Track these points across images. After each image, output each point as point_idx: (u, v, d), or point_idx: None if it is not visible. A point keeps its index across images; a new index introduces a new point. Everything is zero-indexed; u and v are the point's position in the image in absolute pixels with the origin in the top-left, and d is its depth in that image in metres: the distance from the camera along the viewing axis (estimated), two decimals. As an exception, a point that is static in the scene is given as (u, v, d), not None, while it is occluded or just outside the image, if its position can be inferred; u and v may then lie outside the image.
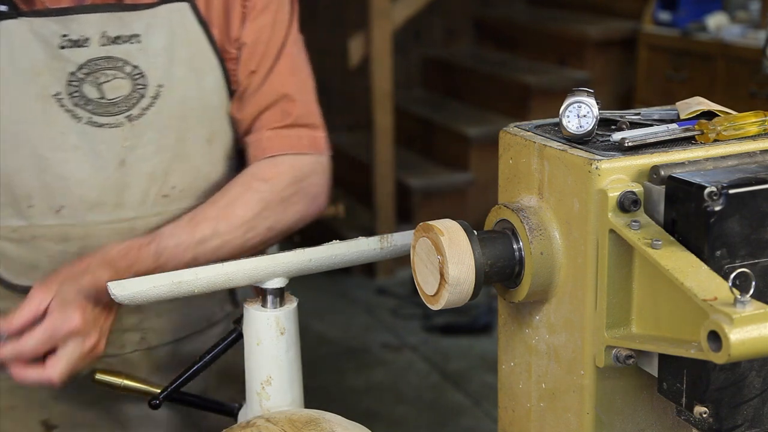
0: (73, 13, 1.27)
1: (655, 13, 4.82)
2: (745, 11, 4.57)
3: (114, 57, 1.29)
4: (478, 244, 1.03)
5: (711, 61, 4.43)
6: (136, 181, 1.34)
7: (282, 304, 1.22)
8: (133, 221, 1.35)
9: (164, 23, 1.32)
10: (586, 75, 5.08)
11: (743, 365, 0.91)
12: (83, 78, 1.28)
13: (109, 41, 1.29)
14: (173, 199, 1.38)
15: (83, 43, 1.28)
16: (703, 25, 4.52)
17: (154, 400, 1.29)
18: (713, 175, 0.93)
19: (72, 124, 1.29)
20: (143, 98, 1.31)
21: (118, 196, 1.34)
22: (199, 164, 1.39)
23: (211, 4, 1.36)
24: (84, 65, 1.28)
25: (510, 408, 1.16)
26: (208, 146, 1.39)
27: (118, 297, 1.16)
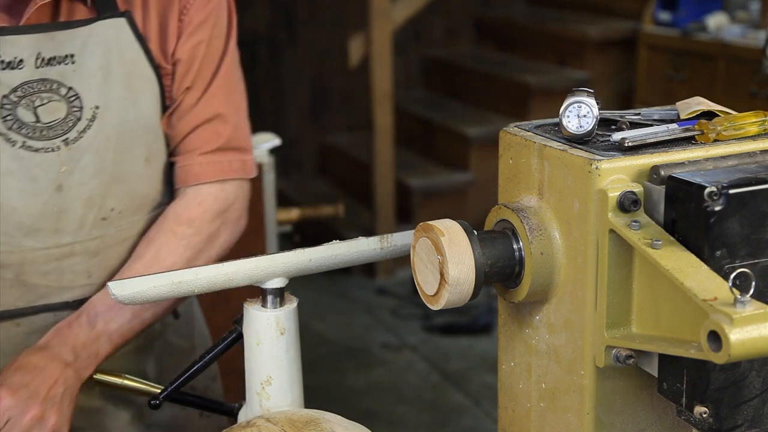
0: (6, 34, 1.23)
1: (655, 13, 4.82)
2: (745, 11, 4.57)
3: (49, 79, 1.25)
4: (478, 244, 1.03)
5: (711, 61, 4.43)
6: (73, 206, 1.31)
7: (282, 304, 1.22)
8: (71, 246, 1.33)
9: (100, 41, 1.28)
10: (586, 75, 5.08)
11: (743, 365, 0.91)
12: (17, 101, 1.24)
13: (43, 63, 1.25)
14: (112, 221, 1.35)
15: (17, 65, 1.23)
16: (703, 25, 4.52)
17: (154, 400, 1.29)
18: (713, 175, 0.93)
19: (6, 149, 1.25)
20: (80, 121, 1.28)
21: (55, 222, 1.30)
22: (138, 185, 1.36)
23: (148, 19, 1.33)
24: (18, 88, 1.24)
25: (510, 408, 1.16)
26: (146, 166, 1.36)
27: (119, 297, 1.16)
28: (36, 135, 1.26)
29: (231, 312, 1.39)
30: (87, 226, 1.33)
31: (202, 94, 1.38)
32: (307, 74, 5.63)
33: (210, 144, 1.39)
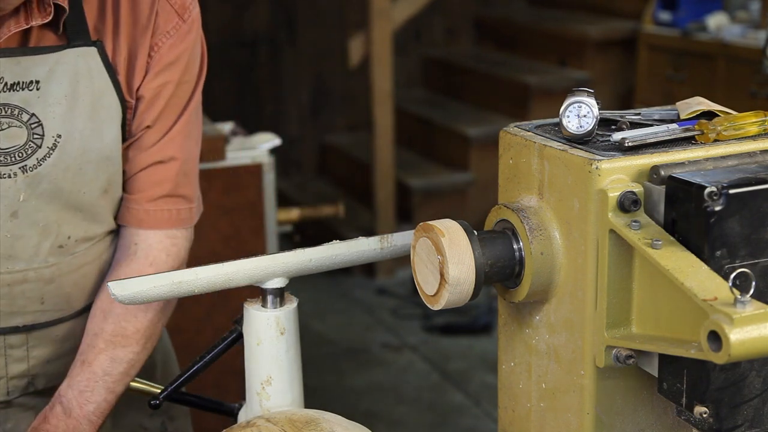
0: None
1: (655, 13, 4.82)
2: (745, 11, 4.57)
3: (11, 104, 1.23)
4: (478, 244, 1.03)
5: (711, 61, 4.43)
6: (28, 233, 1.29)
7: (282, 304, 1.22)
8: (24, 272, 1.31)
9: (68, 69, 1.26)
10: (586, 75, 5.08)
11: (743, 365, 0.91)
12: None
13: (6, 88, 1.22)
14: (68, 249, 1.33)
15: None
16: (703, 25, 4.52)
17: (154, 400, 1.29)
18: (713, 175, 0.93)
19: None
20: (39, 149, 1.25)
21: (8, 248, 1.28)
22: (95, 214, 1.34)
23: (117, 50, 1.30)
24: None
25: (510, 408, 1.16)
26: (103, 196, 1.34)
27: (119, 297, 1.16)
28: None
29: (231, 312, 1.39)
30: (42, 254, 1.31)
31: (163, 135, 1.36)
32: (307, 74, 5.63)
33: (159, 188, 1.37)
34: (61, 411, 1.30)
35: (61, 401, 1.30)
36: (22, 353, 1.36)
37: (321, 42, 5.59)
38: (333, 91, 5.72)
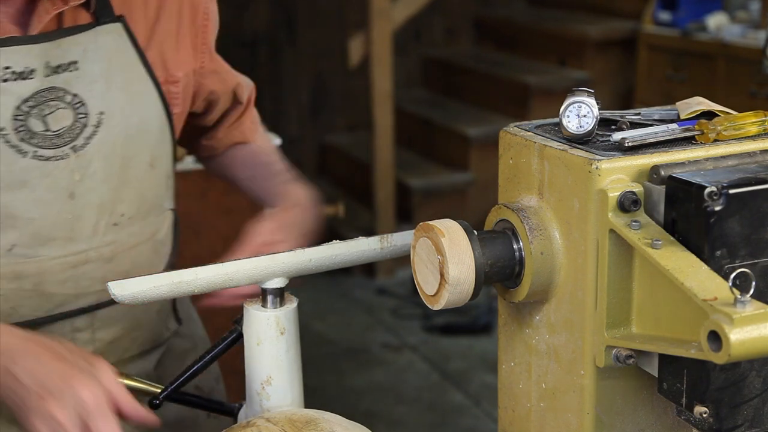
0: (16, 44, 1.22)
1: (655, 13, 4.82)
2: (745, 11, 4.57)
3: (56, 87, 1.25)
4: (478, 244, 1.03)
5: (711, 61, 4.43)
6: (86, 213, 1.31)
7: (282, 304, 1.22)
8: (86, 253, 1.32)
9: (100, 47, 1.28)
10: (586, 75, 5.08)
11: (743, 365, 0.91)
12: (28, 111, 1.24)
13: (51, 71, 1.24)
14: (123, 226, 1.35)
15: (28, 75, 1.23)
16: (703, 25, 4.52)
17: (154, 399, 1.29)
18: (713, 175, 0.93)
19: (17, 160, 1.24)
20: (86, 127, 1.28)
21: (69, 230, 1.29)
22: (144, 189, 1.37)
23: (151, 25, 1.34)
24: (30, 98, 1.23)
25: (510, 408, 1.16)
26: (150, 170, 1.37)
27: (119, 297, 1.16)
28: (46, 144, 1.26)
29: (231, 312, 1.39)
30: (100, 233, 1.33)
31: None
32: (307, 74, 5.63)
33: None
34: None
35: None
36: (88, 336, 1.37)
37: (321, 42, 5.59)
38: (333, 91, 5.72)
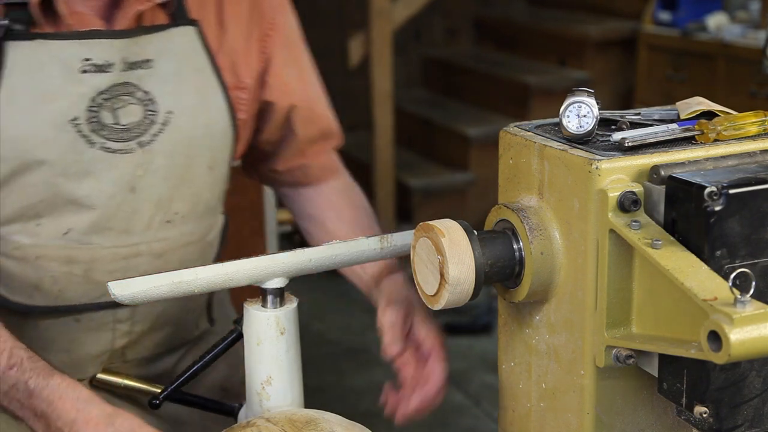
0: (99, 38, 1.25)
1: (655, 13, 4.82)
2: (745, 11, 4.57)
3: (129, 83, 1.29)
4: (478, 244, 1.03)
5: (711, 61, 4.43)
6: (143, 207, 1.33)
7: (282, 304, 1.22)
8: (137, 246, 1.34)
9: (174, 47, 1.32)
10: (586, 75, 5.08)
11: (743, 365, 0.91)
12: (102, 104, 1.27)
13: (127, 67, 1.28)
14: (175, 224, 1.37)
15: (107, 68, 1.26)
16: (703, 25, 4.52)
17: (154, 399, 1.29)
18: (713, 175, 0.93)
19: (85, 149, 1.27)
20: (154, 124, 1.31)
21: (125, 222, 1.32)
22: (201, 190, 1.39)
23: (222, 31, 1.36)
24: (105, 91, 1.27)
25: (510, 408, 1.16)
26: (209, 172, 1.39)
27: (119, 297, 1.16)
28: (114, 137, 1.28)
29: (231, 312, 1.39)
30: (153, 228, 1.35)
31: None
32: (307, 74, 5.62)
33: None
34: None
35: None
36: (127, 327, 1.39)
37: (321, 42, 5.58)
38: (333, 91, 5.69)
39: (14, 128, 1.24)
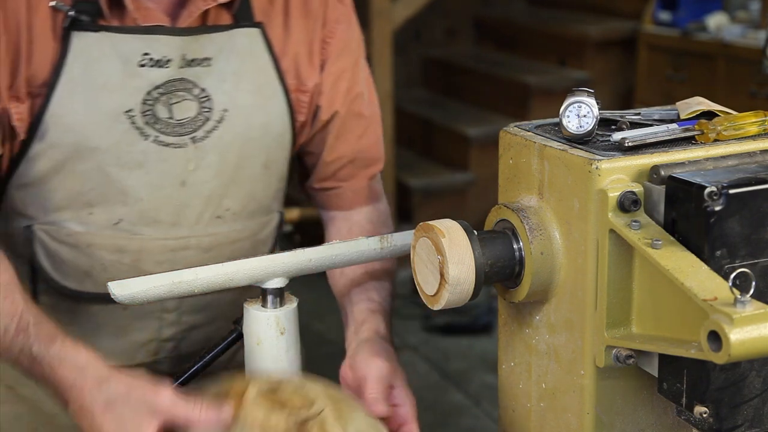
0: (162, 34, 1.28)
1: (655, 13, 4.81)
2: (745, 11, 4.57)
3: (186, 79, 1.30)
4: (478, 244, 1.03)
5: (711, 61, 4.42)
6: (193, 202, 1.35)
7: (282, 304, 1.22)
8: (186, 239, 1.36)
9: (236, 48, 1.33)
10: (586, 75, 5.08)
11: (743, 365, 0.91)
12: (158, 98, 1.29)
13: (185, 64, 1.30)
14: (226, 221, 1.39)
15: (164, 63, 1.28)
16: (703, 25, 4.52)
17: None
18: (713, 175, 0.93)
19: (139, 142, 1.29)
20: (208, 121, 1.32)
21: (175, 215, 1.34)
22: (254, 188, 1.40)
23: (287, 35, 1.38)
24: (161, 85, 1.29)
25: (510, 408, 1.16)
26: (264, 171, 1.40)
27: (118, 297, 1.16)
28: (168, 131, 1.30)
29: (231, 312, 1.39)
30: (203, 223, 1.37)
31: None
32: (307, 74, 5.62)
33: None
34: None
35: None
36: (175, 317, 1.42)
37: (321, 42, 5.58)
38: (333, 91, 5.70)
39: (71, 115, 1.27)
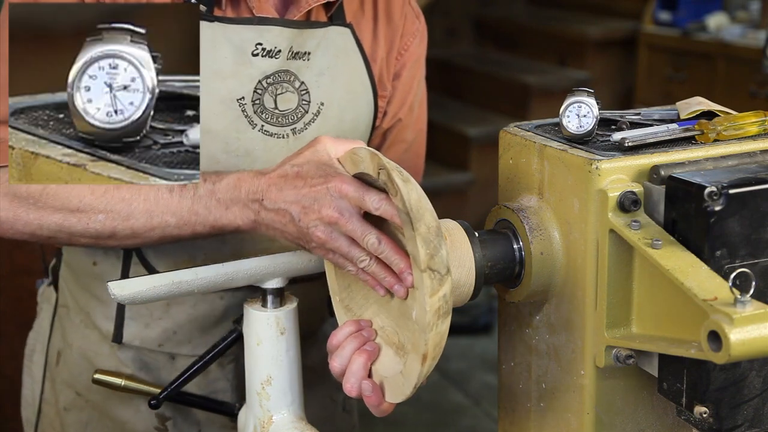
0: (274, 25, 1.31)
1: (655, 13, 4.82)
2: (745, 11, 4.57)
3: (290, 71, 1.34)
4: (479, 246, 1.03)
5: (711, 61, 4.43)
6: None
7: (282, 304, 1.22)
8: None
9: (331, 44, 1.37)
10: (586, 75, 5.08)
11: (743, 365, 0.91)
12: (266, 87, 1.32)
13: (291, 56, 1.33)
14: None
15: (275, 54, 1.32)
16: (703, 25, 4.52)
17: (152, 400, 1.30)
18: (713, 175, 0.93)
19: (247, 130, 1.31)
20: (306, 114, 1.36)
21: None
22: None
23: (376, 40, 1.42)
24: (271, 75, 1.32)
25: (510, 408, 1.16)
26: None
27: (118, 297, 1.16)
28: (272, 121, 1.33)
29: (231, 312, 1.39)
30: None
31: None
32: (307, 74, 5.62)
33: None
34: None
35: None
36: None
37: (321, 42, 5.58)
38: (333, 91, 5.71)
39: None
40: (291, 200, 1.11)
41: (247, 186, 1.16)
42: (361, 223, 1.08)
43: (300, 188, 1.11)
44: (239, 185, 1.16)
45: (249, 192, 1.15)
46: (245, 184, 1.16)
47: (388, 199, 1.06)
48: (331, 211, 1.08)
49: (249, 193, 1.15)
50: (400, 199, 0.97)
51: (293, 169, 1.14)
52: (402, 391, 1.03)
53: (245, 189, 1.16)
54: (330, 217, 1.09)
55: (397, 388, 1.04)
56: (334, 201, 1.09)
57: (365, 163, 1.05)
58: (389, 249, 1.07)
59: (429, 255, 0.94)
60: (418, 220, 0.95)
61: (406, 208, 0.96)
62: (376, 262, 1.08)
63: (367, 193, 1.07)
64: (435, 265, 0.94)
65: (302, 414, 1.24)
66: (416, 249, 0.95)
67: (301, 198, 1.11)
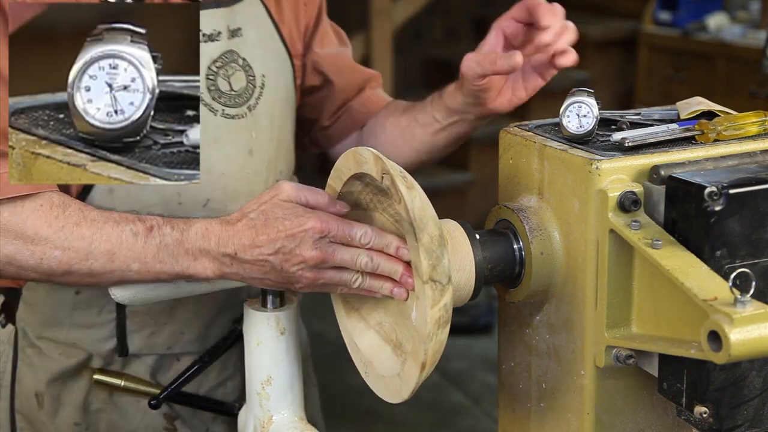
0: (208, 8, 1.30)
1: (655, 13, 4.81)
2: (745, 11, 4.57)
3: (232, 50, 1.34)
4: (479, 247, 1.03)
5: (711, 61, 4.42)
6: (260, 169, 1.37)
7: (282, 304, 1.22)
8: None
9: (253, 17, 1.38)
10: (586, 75, 5.08)
11: (743, 365, 0.91)
12: (217, 72, 1.32)
13: (230, 35, 1.33)
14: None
15: (216, 37, 1.31)
16: (704, 25, 4.52)
17: (152, 400, 1.29)
18: (713, 175, 0.93)
19: (210, 118, 1.31)
20: (255, 88, 1.36)
21: (249, 185, 1.36)
22: (290, 149, 1.45)
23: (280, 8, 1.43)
24: (217, 59, 1.32)
25: (510, 408, 1.16)
26: (292, 134, 1.46)
27: (118, 297, 1.16)
28: (231, 103, 1.33)
29: (231, 312, 1.39)
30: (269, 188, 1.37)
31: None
32: (307, 74, 5.62)
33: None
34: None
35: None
36: None
37: (321, 42, 5.58)
38: (333, 91, 5.70)
39: None
40: (268, 252, 1.08)
41: (215, 237, 1.11)
42: (346, 250, 1.07)
43: (273, 236, 1.07)
44: (208, 235, 1.11)
45: (219, 244, 1.10)
46: (213, 235, 1.11)
47: (375, 230, 1.06)
48: (315, 252, 1.06)
49: (219, 245, 1.10)
50: (404, 208, 0.97)
51: (260, 217, 1.10)
52: (399, 393, 1.03)
53: (214, 240, 1.11)
54: (315, 258, 1.07)
55: (394, 390, 1.04)
56: (313, 242, 1.06)
57: (368, 164, 1.05)
58: (383, 261, 1.06)
59: (431, 266, 0.94)
60: (421, 230, 0.95)
61: (410, 217, 0.96)
62: (369, 276, 1.08)
63: (351, 229, 1.06)
64: (437, 275, 0.94)
65: (302, 414, 1.24)
66: (419, 260, 0.95)
67: (279, 247, 1.07)
